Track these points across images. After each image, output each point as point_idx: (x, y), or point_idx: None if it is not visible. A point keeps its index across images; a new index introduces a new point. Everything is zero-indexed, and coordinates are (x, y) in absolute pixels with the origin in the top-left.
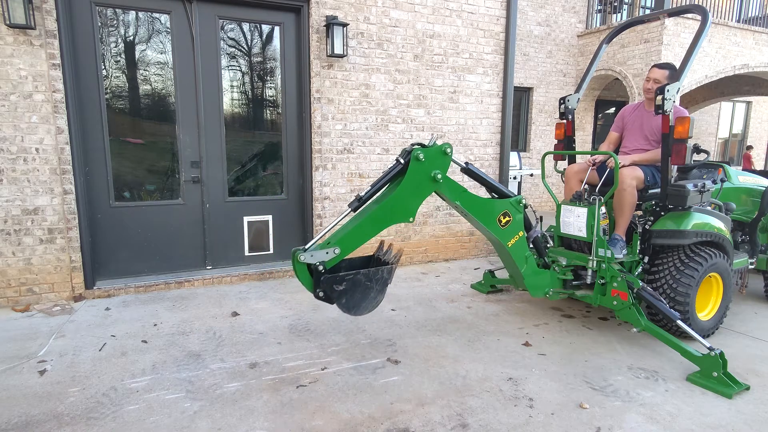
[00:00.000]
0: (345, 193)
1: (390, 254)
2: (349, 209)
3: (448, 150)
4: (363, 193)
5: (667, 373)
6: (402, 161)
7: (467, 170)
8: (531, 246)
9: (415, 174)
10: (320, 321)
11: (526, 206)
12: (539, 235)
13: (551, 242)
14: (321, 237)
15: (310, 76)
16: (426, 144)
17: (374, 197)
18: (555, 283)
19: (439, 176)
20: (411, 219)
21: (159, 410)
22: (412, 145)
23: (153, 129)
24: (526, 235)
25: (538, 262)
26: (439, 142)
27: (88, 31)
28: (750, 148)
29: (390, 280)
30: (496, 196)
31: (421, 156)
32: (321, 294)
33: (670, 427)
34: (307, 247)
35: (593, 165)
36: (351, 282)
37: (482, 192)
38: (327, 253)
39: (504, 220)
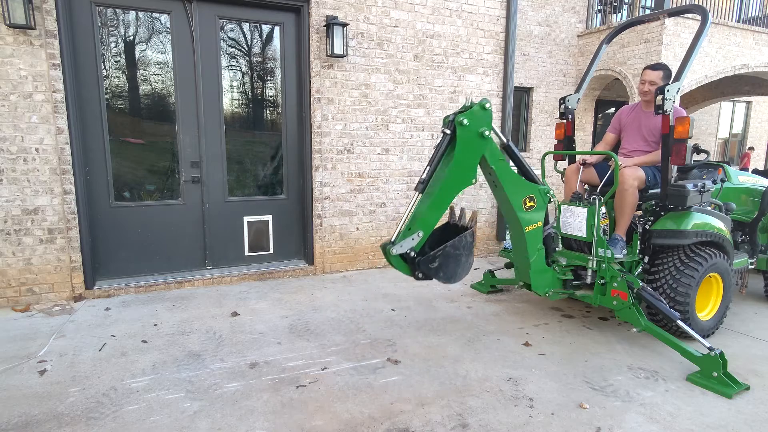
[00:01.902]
0: (345, 193)
1: (464, 219)
2: (417, 192)
3: (487, 105)
4: (424, 175)
5: (667, 373)
6: (448, 132)
7: (507, 146)
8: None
9: (465, 138)
10: (320, 321)
11: (550, 200)
12: (552, 234)
13: (560, 245)
14: (400, 227)
15: (310, 76)
16: (463, 107)
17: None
18: (555, 283)
19: (486, 132)
20: (474, 181)
21: (159, 410)
22: (453, 113)
23: (153, 129)
24: (543, 227)
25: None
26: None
27: (88, 31)
28: (751, 149)
29: (474, 242)
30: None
31: (465, 121)
32: (420, 275)
33: (670, 427)
34: (393, 240)
35: (582, 164)
36: (442, 256)
37: None
38: (413, 239)
39: (528, 204)
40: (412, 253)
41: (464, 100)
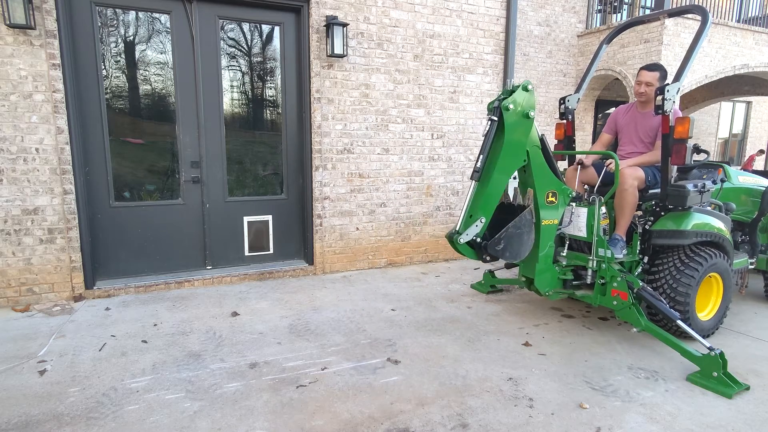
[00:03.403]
0: (345, 193)
1: (518, 198)
2: (473, 182)
3: (530, 86)
4: (478, 164)
5: (667, 373)
6: (495, 118)
7: (542, 139)
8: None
9: (512, 121)
10: (320, 321)
11: (569, 203)
12: (563, 236)
13: (566, 251)
14: (462, 216)
15: (310, 76)
16: (503, 92)
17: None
18: (555, 283)
19: (532, 113)
20: (525, 160)
21: (159, 410)
22: (497, 99)
23: (153, 129)
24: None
25: None
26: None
27: (88, 31)
28: (761, 152)
29: (534, 218)
30: None
31: (511, 105)
32: (488, 258)
33: (670, 427)
34: (458, 229)
35: (579, 164)
36: (506, 237)
37: None
38: (476, 225)
39: (550, 198)
40: (479, 240)
41: (464, 99)
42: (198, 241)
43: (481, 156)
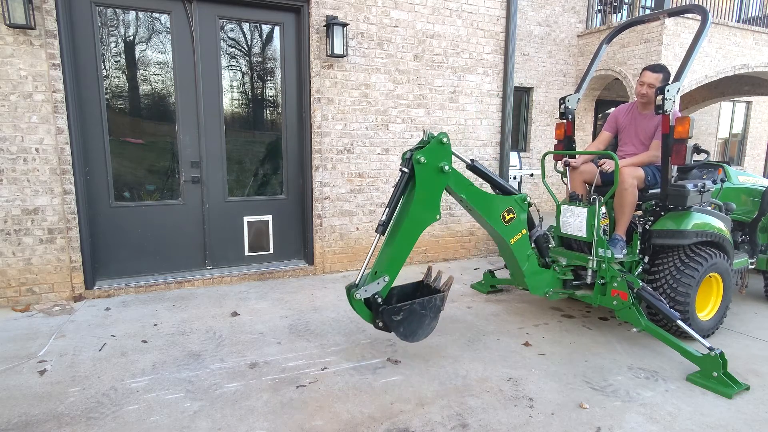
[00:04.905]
0: (345, 193)
1: (440, 281)
2: (378, 234)
3: (445, 139)
4: (384, 217)
5: (667, 373)
6: (406, 170)
7: (473, 167)
8: (533, 245)
9: (424, 176)
10: (320, 321)
11: (530, 205)
12: (542, 234)
13: (553, 242)
14: (363, 270)
15: (310, 76)
16: (420, 141)
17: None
18: (555, 283)
19: (446, 167)
20: (438, 217)
21: (159, 410)
22: (410, 150)
23: (153, 129)
24: (528, 233)
25: (539, 261)
26: (435, 132)
27: (88, 31)
28: None
29: (443, 308)
30: (501, 193)
31: (422, 159)
32: (380, 324)
33: (670, 427)
34: (357, 283)
35: (566, 165)
36: (408, 311)
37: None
38: (378, 283)
39: (508, 217)
40: (379, 300)
41: (464, 99)
42: (198, 241)
43: (387, 209)
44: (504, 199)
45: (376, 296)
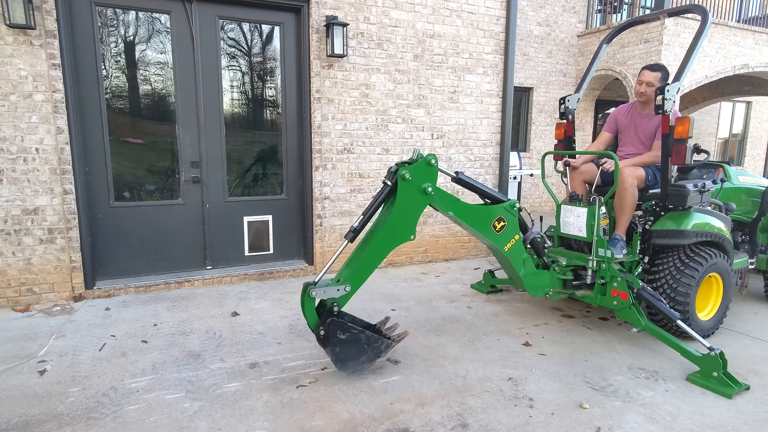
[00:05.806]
0: (345, 193)
1: (393, 331)
2: (346, 241)
3: (433, 161)
4: (356, 224)
5: (667, 373)
6: (390, 183)
7: (458, 180)
8: (529, 247)
9: (405, 193)
10: None
11: (520, 209)
12: (537, 236)
13: (549, 242)
14: (324, 271)
15: (310, 76)
16: (410, 159)
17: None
18: (555, 283)
19: (430, 189)
20: (412, 237)
21: (159, 410)
22: (397, 164)
23: (153, 129)
24: (522, 237)
25: (537, 262)
26: (425, 153)
27: (88, 31)
28: None
29: (384, 355)
30: (490, 202)
31: (407, 175)
32: (322, 334)
33: (670, 427)
34: (316, 281)
35: (566, 165)
36: (353, 336)
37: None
38: (338, 290)
39: (499, 226)
40: (336, 308)
41: (464, 99)
42: (198, 241)
43: (362, 217)
44: (492, 208)
45: (334, 304)
